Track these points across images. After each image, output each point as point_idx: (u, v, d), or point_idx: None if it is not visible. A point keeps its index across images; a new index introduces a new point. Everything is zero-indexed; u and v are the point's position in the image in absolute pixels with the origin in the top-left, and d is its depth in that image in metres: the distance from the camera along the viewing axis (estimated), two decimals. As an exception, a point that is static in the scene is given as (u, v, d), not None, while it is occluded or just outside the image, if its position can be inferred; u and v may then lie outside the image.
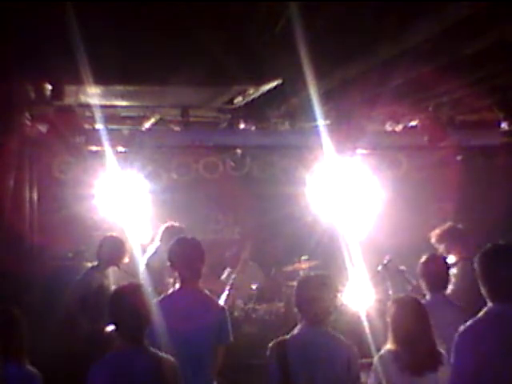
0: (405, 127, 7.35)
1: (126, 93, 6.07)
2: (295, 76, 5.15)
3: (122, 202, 7.08)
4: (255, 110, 6.92)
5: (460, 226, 6.05)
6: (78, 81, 5.20)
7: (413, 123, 7.32)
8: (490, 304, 3.32)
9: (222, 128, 7.59)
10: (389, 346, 3.88)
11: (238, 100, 6.56)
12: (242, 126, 7.20)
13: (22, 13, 4.80)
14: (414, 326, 3.84)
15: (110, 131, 6.51)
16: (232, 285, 6.61)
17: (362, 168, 7.20)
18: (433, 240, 5.91)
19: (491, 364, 3.15)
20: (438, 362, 3.81)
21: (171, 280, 5.18)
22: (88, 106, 6.39)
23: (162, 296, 4.42)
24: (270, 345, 3.79)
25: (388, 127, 7.31)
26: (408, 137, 7.27)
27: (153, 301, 3.86)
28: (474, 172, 7.40)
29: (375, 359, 3.87)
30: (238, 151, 7.08)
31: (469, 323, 3.32)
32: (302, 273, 7.03)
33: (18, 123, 5.92)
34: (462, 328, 3.31)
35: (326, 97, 5.66)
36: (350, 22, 4.52)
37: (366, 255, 6.25)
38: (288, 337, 3.82)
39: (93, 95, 5.96)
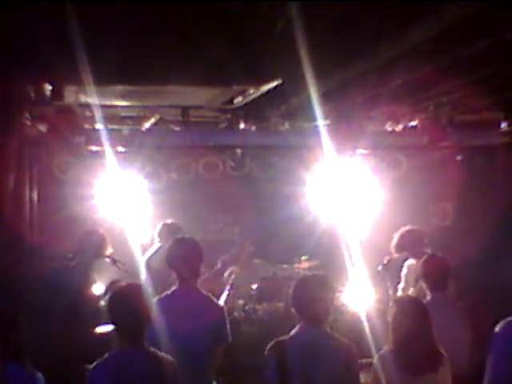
0: (405, 127, 7.34)
1: (126, 93, 6.07)
2: (295, 76, 5.14)
3: (122, 201, 7.09)
4: (255, 110, 6.91)
5: (408, 228, 6.17)
6: (78, 81, 5.20)
7: (413, 123, 7.31)
8: None
9: (221, 128, 7.59)
10: (389, 345, 3.88)
11: (238, 100, 6.56)
12: (242, 126, 7.20)
13: (21, 13, 4.80)
14: (414, 325, 3.83)
15: (110, 131, 6.51)
16: (232, 285, 6.60)
17: (361, 168, 7.20)
18: (392, 250, 6.10)
19: None
20: (438, 362, 3.81)
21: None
22: (88, 106, 6.39)
23: (161, 296, 4.42)
24: (269, 346, 3.78)
25: (388, 127, 7.31)
26: (408, 137, 7.27)
27: (153, 301, 3.87)
28: (474, 172, 7.39)
29: (375, 359, 3.87)
30: (238, 151, 7.08)
31: (502, 324, 3.27)
32: (301, 273, 7.04)
33: (17, 123, 5.92)
34: (496, 329, 3.26)
35: (326, 97, 5.65)
36: (350, 22, 4.52)
37: (366, 255, 6.25)
38: (287, 337, 3.81)
39: (93, 95, 5.96)
